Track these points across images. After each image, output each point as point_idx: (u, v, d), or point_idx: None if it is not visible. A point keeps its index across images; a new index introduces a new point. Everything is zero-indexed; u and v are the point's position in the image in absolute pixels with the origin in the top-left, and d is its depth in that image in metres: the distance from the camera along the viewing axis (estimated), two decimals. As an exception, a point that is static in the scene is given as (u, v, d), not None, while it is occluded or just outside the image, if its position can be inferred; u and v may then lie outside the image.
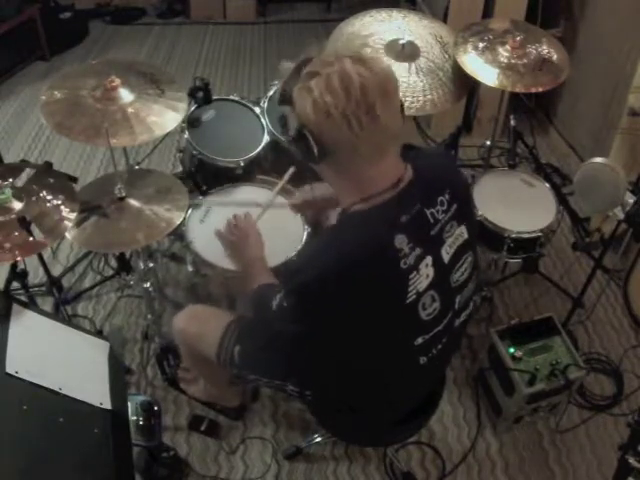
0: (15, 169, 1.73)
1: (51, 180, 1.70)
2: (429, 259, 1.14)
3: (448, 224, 1.17)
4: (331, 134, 1.04)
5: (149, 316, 2.11)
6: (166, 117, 1.81)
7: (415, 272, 1.12)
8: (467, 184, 1.31)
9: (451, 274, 1.20)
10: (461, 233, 1.20)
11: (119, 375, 1.64)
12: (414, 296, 1.13)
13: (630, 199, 1.76)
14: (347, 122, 1.02)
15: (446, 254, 1.17)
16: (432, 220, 1.14)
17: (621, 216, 1.79)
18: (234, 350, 1.48)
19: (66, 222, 1.60)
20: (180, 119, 1.84)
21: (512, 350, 1.90)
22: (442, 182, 1.19)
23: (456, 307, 1.25)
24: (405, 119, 1.13)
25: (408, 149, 1.16)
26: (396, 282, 1.11)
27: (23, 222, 1.53)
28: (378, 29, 2.17)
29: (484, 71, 2.09)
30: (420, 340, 1.20)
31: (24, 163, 2.38)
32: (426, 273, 1.14)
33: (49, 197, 1.64)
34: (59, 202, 1.64)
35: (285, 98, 1.09)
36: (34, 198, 1.63)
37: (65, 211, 1.62)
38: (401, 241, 1.09)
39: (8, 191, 1.59)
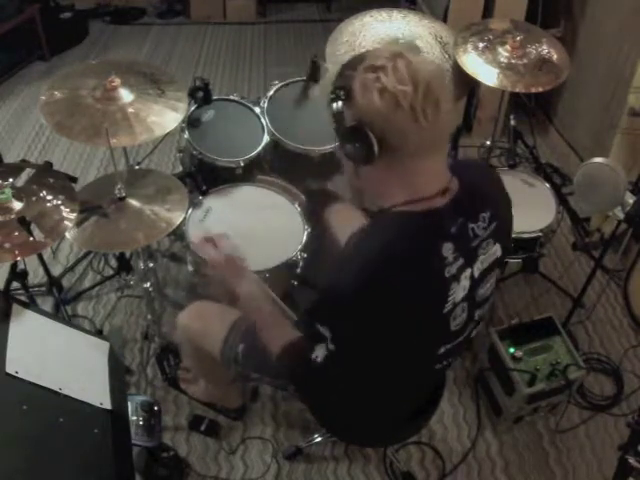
0: (15, 169, 1.73)
1: (51, 180, 1.71)
2: (468, 271, 1.14)
3: (485, 241, 1.16)
4: (397, 127, 1.01)
5: (149, 316, 2.10)
6: (166, 117, 1.81)
7: (456, 282, 1.11)
8: (509, 202, 1.29)
9: (477, 289, 1.20)
10: (495, 251, 1.19)
11: (119, 375, 1.64)
12: (451, 306, 1.12)
13: (630, 199, 1.75)
14: (414, 114, 1.00)
15: (477, 270, 1.17)
16: (472, 235, 1.13)
17: (621, 216, 1.79)
18: (238, 348, 1.48)
19: (66, 222, 1.60)
20: (180, 119, 1.84)
21: (512, 350, 1.90)
22: (485, 199, 1.18)
23: (475, 318, 1.25)
24: None
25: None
26: (438, 290, 1.10)
27: (23, 222, 1.53)
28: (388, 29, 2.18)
29: (484, 71, 2.09)
30: (443, 350, 1.20)
31: (24, 163, 2.38)
32: (464, 285, 1.13)
33: (49, 197, 1.64)
34: (59, 202, 1.64)
35: (338, 95, 1.04)
36: (34, 198, 1.63)
37: (65, 211, 1.62)
38: (448, 249, 1.08)
39: (8, 191, 1.60)
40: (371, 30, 2.18)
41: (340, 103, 1.05)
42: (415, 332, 1.12)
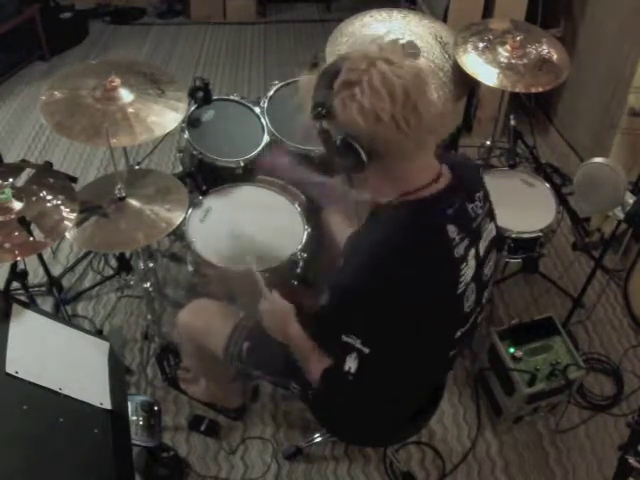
0: (15, 169, 1.73)
1: (51, 180, 1.70)
2: (473, 251, 1.17)
3: (484, 220, 1.20)
4: (382, 137, 1.05)
5: (149, 316, 2.10)
6: (166, 117, 1.81)
7: (465, 263, 1.14)
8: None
9: (483, 268, 1.23)
10: (492, 229, 1.24)
11: (119, 375, 1.64)
12: (463, 287, 1.15)
13: (630, 199, 1.76)
14: (396, 124, 1.03)
15: (482, 248, 1.20)
16: (473, 214, 1.17)
17: (621, 216, 1.79)
18: (243, 345, 1.49)
19: (66, 222, 1.60)
20: (180, 119, 1.84)
21: (512, 350, 1.90)
22: (476, 180, 1.24)
23: (483, 302, 1.27)
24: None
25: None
26: (450, 271, 1.13)
27: (23, 222, 1.53)
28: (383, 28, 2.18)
29: (484, 71, 2.09)
30: (459, 333, 1.22)
31: (24, 163, 2.38)
32: (472, 265, 1.16)
33: (49, 197, 1.64)
34: (59, 202, 1.64)
35: (320, 113, 1.07)
36: (34, 198, 1.63)
37: (65, 211, 1.62)
38: (452, 231, 1.11)
39: (8, 191, 1.59)
40: (371, 30, 2.18)
41: (324, 120, 1.08)
42: (434, 316, 1.14)
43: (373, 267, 1.08)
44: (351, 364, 1.13)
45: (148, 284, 2.00)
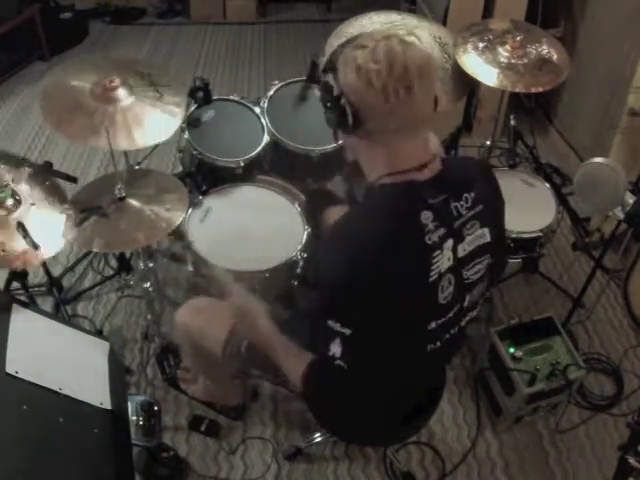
0: (14, 160, 1.73)
1: (50, 180, 1.71)
2: (450, 242, 1.16)
3: (469, 222, 1.18)
4: (368, 104, 1.07)
5: (149, 316, 2.11)
6: (164, 123, 1.82)
7: (439, 251, 1.14)
8: (499, 190, 1.32)
9: (464, 269, 1.21)
10: (483, 234, 1.22)
11: (119, 375, 1.64)
12: (436, 276, 1.14)
13: (630, 199, 1.76)
14: (385, 94, 1.05)
15: (462, 250, 1.19)
16: (455, 213, 1.16)
17: (621, 216, 1.79)
18: (242, 344, 1.49)
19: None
20: (177, 125, 1.84)
21: (512, 350, 1.90)
22: (469, 181, 1.22)
23: (465, 304, 1.26)
24: (436, 110, 1.17)
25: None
26: (421, 257, 1.12)
27: (21, 226, 1.53)
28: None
29: (484, 71, 2.09)
30: (433, 325, 1.21)
31: (24, 160, 2.37)
32: (448, 255, 1.16)
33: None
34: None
35: (328, 66, 1.13)
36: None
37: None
38: (427, 217, 1.11)
39: (8, 190, 1.60)
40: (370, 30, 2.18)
41: (329, 75, 1.12)
42: (404, 302, 1.14)
43: (355, 253, 1.09)
44: (335, 350, 1.15)
45: (148, 284, 2.00)
